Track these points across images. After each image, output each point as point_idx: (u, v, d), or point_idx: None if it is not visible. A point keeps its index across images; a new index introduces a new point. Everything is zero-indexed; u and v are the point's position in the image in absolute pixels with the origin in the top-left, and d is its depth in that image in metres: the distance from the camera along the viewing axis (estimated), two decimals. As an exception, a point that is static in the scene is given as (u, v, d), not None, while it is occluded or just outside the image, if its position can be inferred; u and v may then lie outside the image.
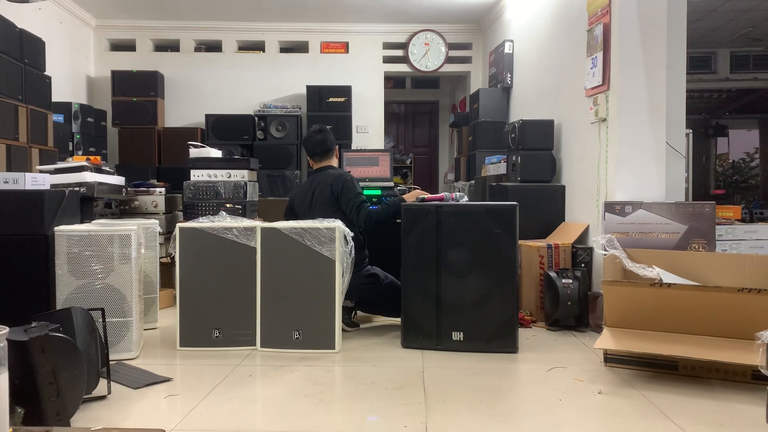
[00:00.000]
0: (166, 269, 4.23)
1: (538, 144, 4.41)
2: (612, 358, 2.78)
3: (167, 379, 2.61)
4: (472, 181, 5.90)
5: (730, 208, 3.94)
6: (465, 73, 7.56)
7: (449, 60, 7.31)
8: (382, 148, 7.12)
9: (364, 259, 3.54)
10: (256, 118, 6.69)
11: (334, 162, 3.74)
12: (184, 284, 3.09)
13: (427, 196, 3.43)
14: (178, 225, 3.12)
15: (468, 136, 6.42)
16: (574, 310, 3.48)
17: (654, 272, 3.01)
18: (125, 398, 2.39)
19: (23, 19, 4.91)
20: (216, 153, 4.58)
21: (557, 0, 4.66)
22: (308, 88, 6.75)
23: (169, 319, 3.62)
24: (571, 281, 3.49)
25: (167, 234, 4.60)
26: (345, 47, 7.26)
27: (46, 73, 4.78)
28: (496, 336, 3.05)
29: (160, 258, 3.95)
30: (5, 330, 1.63)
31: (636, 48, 3.56)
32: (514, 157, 4.53)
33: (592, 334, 3.41)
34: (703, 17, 6.66)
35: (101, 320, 2.48)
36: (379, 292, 3.52)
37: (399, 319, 3.27)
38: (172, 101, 7.03)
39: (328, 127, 3.85)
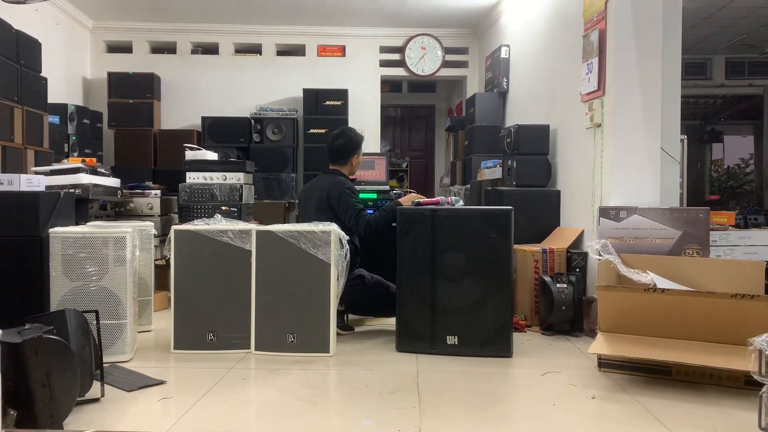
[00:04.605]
0: (161, 271, 4.22)
1: (533, 149, 4.42)
2: (606, 363, 2.79)
3: (161, 382, 2.60)
4: (468, 186, 5.91)
5: (725, 213, 3.96)
6: (461, 78, 7.58)
7: (446, 64, 7.32)
8: (378, 151, 7.13)
9: (354, 264, 3.54)
10: (253, 121, 6.69)
11: (347, 169, 3.75)
12: (178, 287, 3.09)
13: (423, 200, 3.44)
14: (174, 227, 3.12)
15: (464, 140, 6.44)
16: (568, 315, 3.48)
17: (648, 277, 3.02)
18: (119, 401, 2.38)
19: (20, 20, 4.90)
20: (212, 155, 4.57)
21: (553, 5, 4.68)
22: (305, 91, 6.75)
23: (164, 321, 3.61)
24: (565, 286, 3.49)
25: (162, 236, 4.60)
26: (342, 51, 7.27)
27: (42, 74, 4.77)
28: (490, 340, 3.05)
29: (155, 260, 3.95)
30: (-2, 332, 1.63)
31: (631, 54, 3.58)
32: (509, 162, 4.54)
33: (586, 338, 3.42)
34: (698, 24, 6.69)
35: (95, 322, 2.48)
36: (366, 292, 3.52)
37: (392, 322, 3.27)
38: (168, 103, 7.03)
39: (361, 130, 3.83)
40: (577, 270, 3.73)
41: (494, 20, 6.47)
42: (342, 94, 6.75)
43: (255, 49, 7.26)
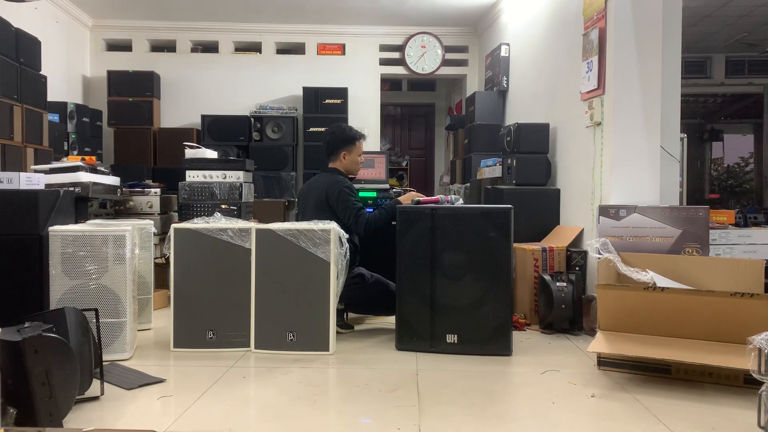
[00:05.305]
0: (161, 270, 4.22)
1: (533, 147, 4.42)
2: (605, 362, 2.79)
3: (160, 380, 2.60)
4: (468, 184, 5.91)
5: (724, 212, 3.95)
6: (461, 76, 7.57)
7: (445, 63, 7.32)
8: (378, 150, 7.12)
9: (354, 263, 3.54)
10: (252, 119, 6.69)
11: (339, 165, 3.72)
12: (178, 285, 3.09)
13: (423, 198, 3.45)
14: (173, 226, 3.12)
15: (464, 138, 6.44)
16: (568, 314, 3.48)
17: (648, 276, 3.02)
18: (118, 399, 2.38)
19: (19, 18, 4.90)
20: (212, 154, 4.57)
21: (553, 4, 4.68)
22: (304, 89, 6.75)
23: (163, 320, 3.62)
24: (565, 284, 3.49)
25: (162, 235, 4.60)
26: (342, 49, 7.26)
27: (42, 72, 4.77)
28: (490, 339, 3.05)
29: (155, 259, 3.95)
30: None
31: (631, 52, 3.57)
32: (509, 161, 4.54)
33: (586, 337, 3.42)
34: (698, 22, 6.69)
35: (95, 320, 2.48)
36: (366, 291, 3.52)
37: (392, 320, 3.27)
38: (168, 102, 7.03)
39: (361, 129, 3.83)
40: (577, 268, 3.73)
41: (494, 19, 6.47)
42: (342, 93, 6.75)
43: (255, 48, 7.26)
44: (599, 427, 2.17)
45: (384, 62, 7.32)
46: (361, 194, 4.04)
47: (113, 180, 4.27)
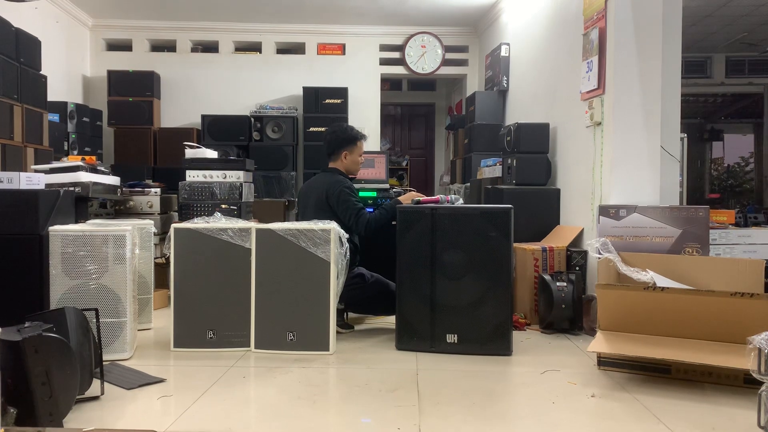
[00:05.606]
0: (161, 270, 4.22)
1: (533, 147, 4.42)
2: (605, 362, 2.79)
3: (161, 380, 2.61)
4: (468, 184, 5.91)
5: (725, 212, 3.95)
6: (461, 76, 7.58)
7: (446, 62, 7.32)
8: (378, 150, 7.12)
9: (354, 263, 3.54)
10: (252, 119, 6.69)
11: (340, 165, 3.71)
12: (178, 285, 3.09)
13: (423, 198, 3.45)
14: (173, 225, 3.12)
15: (464, 138, 6.44)
16: (568, 314, 3.48)
17: (648, 276, 3.02)
18: (118, 399, 2.39)
19: (19, 18, 4.90)
20: (212, 154, 4.57)
21: (553, 4, 4.68)
22: (304, 89, 6.75)
23: (164, 319, 3.62)
24: (565, 284, 3.49)
25: (162, 234, 4.60)
26: (342, 49, 7.26)
27: (42, 72, 4.77)
28: (490, 339, 3.05)
29: (155, 258, 3.95)
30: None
31: (631, 52, 3.57)
32: (509, 160, 4.54)
33: (586, 337, 3.42)
34: (698, 22, 6.69)
35: (95, 320, 2.48)
36: (366, 291, 3.52)
37: (392, 320, 3.27)
38: (168, 101, 7.03)
39: (361, 128, 3.82)
40: (577, 268, 3.73)
41: (494, 18, 6.47)
42: (342, 93, 6.75)
43: (255, 47, 7.26)
44: (599, 427, 2.17)
45: (384, 62, 7.32)
46: (361, 194, 4.04)
47: (113, 180, 4.27)
